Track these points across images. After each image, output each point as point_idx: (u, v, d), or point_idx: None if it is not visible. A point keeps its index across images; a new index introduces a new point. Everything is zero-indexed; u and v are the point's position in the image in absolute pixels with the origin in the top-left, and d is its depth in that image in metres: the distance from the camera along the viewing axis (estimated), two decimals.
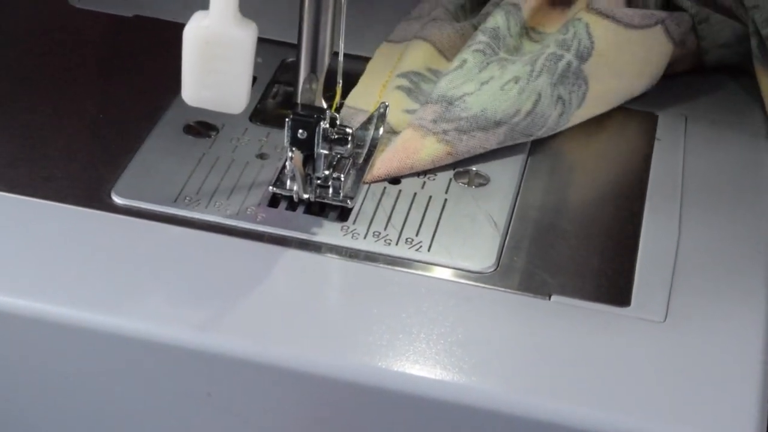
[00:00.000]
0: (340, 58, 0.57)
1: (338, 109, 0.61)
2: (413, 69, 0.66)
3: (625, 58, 0.65)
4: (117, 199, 0.58)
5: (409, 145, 0.61)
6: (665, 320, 0.54)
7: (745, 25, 0.68)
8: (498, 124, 0.61)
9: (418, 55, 0.66)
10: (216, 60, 0.52)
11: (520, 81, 0.62)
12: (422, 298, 0.54)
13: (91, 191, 0.58)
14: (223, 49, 0.52)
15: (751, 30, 0.68)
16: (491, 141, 0.61)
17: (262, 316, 0.53)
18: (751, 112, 0.68)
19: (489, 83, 0.62)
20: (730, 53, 0.69)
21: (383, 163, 0.60)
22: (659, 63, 0.67)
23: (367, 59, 0.68)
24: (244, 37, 0.52)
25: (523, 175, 0.62)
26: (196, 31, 0.52)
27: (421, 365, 0.51)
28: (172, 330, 0.52)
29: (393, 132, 0.63)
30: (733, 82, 0.70)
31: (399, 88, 0.65)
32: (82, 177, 0.59)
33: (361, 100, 0.65)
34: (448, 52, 0.67)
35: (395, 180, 0.60)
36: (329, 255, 0.56)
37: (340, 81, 0.58)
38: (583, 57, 0.64)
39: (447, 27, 0.68)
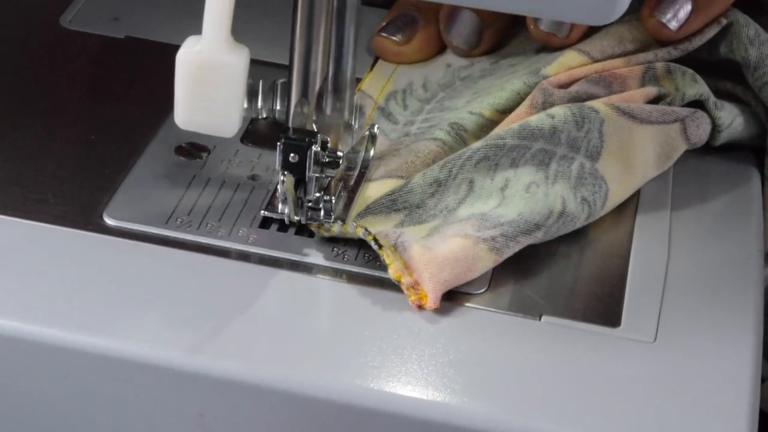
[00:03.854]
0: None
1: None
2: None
3: (635, 151, 0.61)
4: (109, 221, 0.58)
5: (467, 256, 0.55)
6: (655, 340, 0.54)
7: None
8: (537, 226, 0.57)
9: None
10: (208, 85, 0.53)
11: (541, 186, 0.58)
12: (413, 319, 0.54)
13: (83, 213, 0.58)
14: (215, 75, 0.52)
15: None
16: (527, 244, 0.57)
17: (254, 337, 0.53)
18: None
19: (509, 188, 0.58)
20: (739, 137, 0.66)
21: (438, 280, 0.55)
22: (671, 156, 0.63)
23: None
24: (235, 63, 0.52)
25: None
26: (188, 57, 0.52)
27: (413, 386, 0.51)
28: (164, 351, 0.52)
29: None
30: None
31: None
32: (74, 198, 0.59)
33: (373, 87, 0.66)
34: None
35: None
36: (320, 276, 0.56)
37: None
38: (593, 157, 0.60)
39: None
